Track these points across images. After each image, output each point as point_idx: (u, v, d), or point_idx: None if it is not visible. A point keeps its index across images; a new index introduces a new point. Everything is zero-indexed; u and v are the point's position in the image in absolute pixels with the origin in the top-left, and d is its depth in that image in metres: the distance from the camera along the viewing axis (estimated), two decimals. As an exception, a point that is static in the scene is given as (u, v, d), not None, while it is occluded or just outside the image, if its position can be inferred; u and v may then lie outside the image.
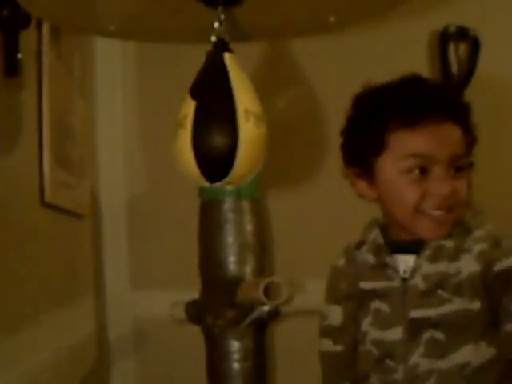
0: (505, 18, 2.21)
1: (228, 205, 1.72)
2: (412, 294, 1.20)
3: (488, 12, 2.18)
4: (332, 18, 1.10)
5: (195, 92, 0.92)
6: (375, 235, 1.28)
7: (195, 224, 1.79)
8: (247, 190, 1.74)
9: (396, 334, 1.20)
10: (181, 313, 1.74)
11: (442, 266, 1.19)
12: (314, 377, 1.35)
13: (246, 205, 1.74)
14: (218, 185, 0.92)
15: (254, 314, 1.60)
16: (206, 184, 0.92)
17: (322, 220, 2.17)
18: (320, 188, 2.15)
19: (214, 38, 0.94)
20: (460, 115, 1.20)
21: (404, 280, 1.21)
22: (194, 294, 1.74)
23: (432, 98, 1.20)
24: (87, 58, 1.97)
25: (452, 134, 1.18)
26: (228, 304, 1.64)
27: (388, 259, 1.24)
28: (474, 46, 2.19)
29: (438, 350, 1.17)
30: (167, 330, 1.99)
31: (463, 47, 2.21)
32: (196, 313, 1.71)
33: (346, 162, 1.28)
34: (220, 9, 0.94)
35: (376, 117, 1.21)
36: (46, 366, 1.46)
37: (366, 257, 1.27)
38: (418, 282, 1.20)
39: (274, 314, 1.68)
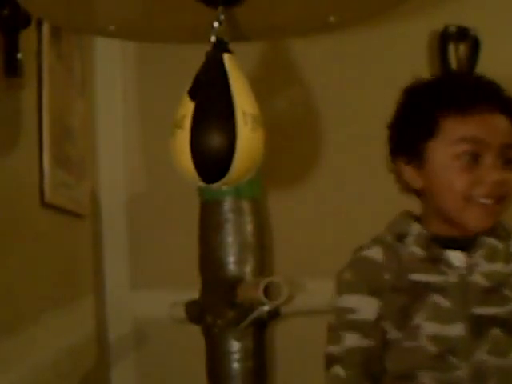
0: (505, 18, 2.21)
1: (228, 205, 1.72)
2: (474, 290, 1.20)
3: (488, 12, 2.19)
4: (332, 18, 1.09)
5: (194, 93, 0.92)
6: (419, 228, 1.27)
7: (195, 224, 1.79)
8: (247, 190, 1.74)
9: (458, 329, 1.18)
10: (181, 313, 1.74)
11: (498, 266, 1.20)
12: (313, 377, 1.35)
13: (245, 205, 1.74)
14: (213, 186, 0.92)
15: (254, 314, 1.60)
16: (203, 184, 0.92)
17: (321, 220, 2.17)
18: (320, 188, 2.15)
19: (213, 39, 0.94)
20: (509, 108, 1.21)
21: (460, 276, 1.21)
22: (194, 294, 1.74)
23: (484, 87, 1.22)
24: (87, 58, 1.97)
25: (503, 123, 1.19)
26: (228, 304, 1.64)
27: (442, 254, 1.23)
28: (474, 46, 2.19)
29: (501, 348, 1.17)
30: (167, 329, 1.99)
31: (463, 47, 2.22)
32: (196, 313, 1.71)
33: (395, 153, 1.28)
34: (220, 9, 0.94)
35: (429, 103, 1.22)
36: (46, 366, 1.46)
37: (413, 249, 1.25)
38: (478, 279, 1.20)
39: (274, 314, 1.68)
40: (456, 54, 2.22)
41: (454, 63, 2.21)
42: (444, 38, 2.19)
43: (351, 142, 2.17)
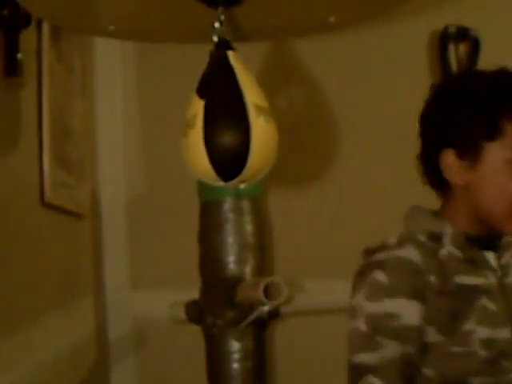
0: (505, 18, 2.21)
1: (228, 205, 1.72)
2: (511, 291, 1.18)
3: (488, 12, 2.19)
4: (332, 18, 1.09)
5: (203, 91, 0.91)
6: (451, 227, 1.23)
7: (195, 224, 1.79)
8: (247, 190, 1.74)
9: (506, 333, 1.16)
10: (181, 313, 1.74)
11: None
12: (314, 377, 1.35)
13: (245, 205, 1.74)
14: (232, 183, 0.92)
15: (254, 314, 1.60)
16: (221, 183, 0.92)
17: (321, 220, 2.17)
18: (320, 188, 2.15)
19: (215, 38, 0.94)
20: None
21: (497, 277, 1.20)
22: (194, 294, 1.74)
23: None
24: (87, 58, 1.97)
25: None
26: (228, 304, 1.64)
27: (480, 255, 1.21)
28: (474, 46, 2.19)
29: None
30: (167, 329, 1.99)
31: (463, 47, 2.22)
32: (196, 313, 1.71)
33: (441, 145, 1.25)
34: (220, 9, 0.94)
35: (494, 103, 1.20)
36: (46, 367, 1.46)
37: (450, 250, 1.21)
38: None
39: (274, 314, 1.68)
40: (456, 54, 2.22)
41: (454, 63, 2.21)
42: (444, 38, 2.19)
43: (352, 141, 2.18)
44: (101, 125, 2.11)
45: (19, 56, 1.24)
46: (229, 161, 0.89)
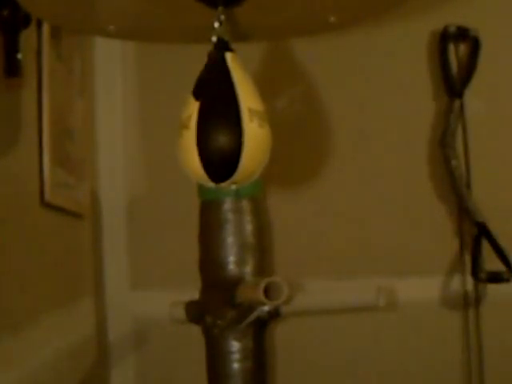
0: (505, 17, 2.21)
1: (228, 205, 1.72)
2: None
3: (488, 12, 2.18)
4: (332, 18, 1.09)
5: (198, 92, 0.92)
6: None
7: (195, 224, 1.79)
8: (247, 190, 1.74)
9: None
10: (181, 313, 1.74)
11: None
12: (314, 377, 1.35)
13: (245, 205, 1.74)
14: (222, 185, 0.92)
15: (254, 314, 1.60)
16: (211, 184, 0.92)
17: (321, 220, 2.17)
18: (320, 188, 2.15)
19: (214, 39, 0.94)
20: None
21: None
22: (194, 293, 1.74)
23: None
24: (87, 58, 1.97)
25: None
26: (228, 304, 1.64)
27: None
28: (474, 46, 2.18)
29: None
30: (167, 329, 1.99)
31: (463, 47, 2.21)
32: (196, 313, 1.71)
33: None
34: (220, 9, 0.95)
35: None
36: (46, 366, 1.46)
37: None
38: None
39: (274, 314, 1.68)
40: (456, 53, 2.21)
41: (454, 63, 2.21)
42: (444, 38, 2.19)
43: (352, 141, 2.18)
44: (101, 125, 2.11)
45: (19, 56, 1.24)
46: (220, 163, 0.90)
